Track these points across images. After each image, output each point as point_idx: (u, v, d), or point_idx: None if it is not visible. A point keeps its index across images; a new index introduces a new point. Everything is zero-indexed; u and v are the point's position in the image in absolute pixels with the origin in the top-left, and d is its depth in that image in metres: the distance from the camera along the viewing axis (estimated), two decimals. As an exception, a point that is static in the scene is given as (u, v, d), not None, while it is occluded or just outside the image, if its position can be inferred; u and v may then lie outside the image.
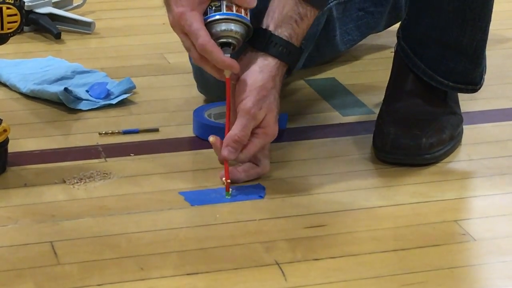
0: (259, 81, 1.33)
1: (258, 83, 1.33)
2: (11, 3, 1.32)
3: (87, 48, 1.75)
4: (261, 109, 1.33)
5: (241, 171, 1.38)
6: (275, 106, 1.36)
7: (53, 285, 1.14)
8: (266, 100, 1.34)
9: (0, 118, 1.37)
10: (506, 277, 1.18)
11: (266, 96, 1.34)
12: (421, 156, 1.43)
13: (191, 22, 1.33)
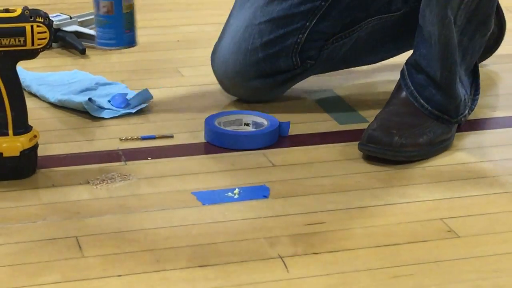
0: None
1: None
2: (41, 22, 1.32)
3: (109, 63, 1.75)
4: None
5: None
6: None
7: (77, 276, 1.14)
8: None
9: (31, 125, 1.37)
10: (487, 270, 1.18)
11: None
12: (392, 151, 1.43)
13: None
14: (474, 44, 1.50)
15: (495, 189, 1.39)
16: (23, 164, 1.36)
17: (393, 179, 1.41)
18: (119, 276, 1.14)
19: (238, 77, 1.62)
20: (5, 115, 1.34)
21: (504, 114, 1.66)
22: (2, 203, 1.31)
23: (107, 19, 1.62)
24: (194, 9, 2.18)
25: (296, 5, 1.60)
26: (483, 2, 1.44)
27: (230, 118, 1.55)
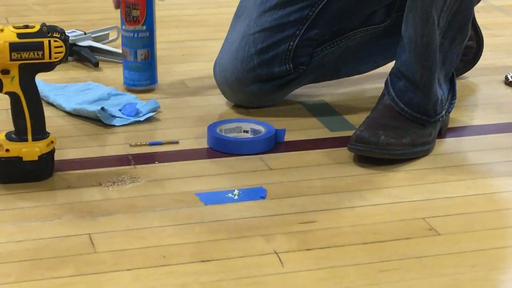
0: None
1: None
2: (57, 37, 1.32)
3: (120, 75, 1.75)
4: None
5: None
6: None
7: (90, 270, 1.14)
8: None
9: (48, 132, 1.37)
10: (465, 265, 1.18)
11: None
12: (379, 150, 1.43)
13: None
14: (453, 49, 1.50)
15: (472, 191, 1.39)
16: (41, 168, 1.37)
17: (379, 181, 1.41)
18: (128, 270, 1.14)
19: (237, 82, 1.63)
20: (24, 123, 1.34)
21: (481, 123, 1.66)
22: (22, 203, 1.31)
23: (143, 64, 1.67)
24: (197, 26, 2.18)
25: (286, 16, 1.61)
26: (462, 5, 1.45)
27: (231, 125, 1.55)
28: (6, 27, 1.32)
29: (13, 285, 1.11)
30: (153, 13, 1.69)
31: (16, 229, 1.24)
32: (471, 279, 1.15)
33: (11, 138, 1.35)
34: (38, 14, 2.23)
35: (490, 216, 1.32)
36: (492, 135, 1.60)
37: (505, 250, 1.23)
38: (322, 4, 1.62)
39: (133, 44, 1.70)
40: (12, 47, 1.30)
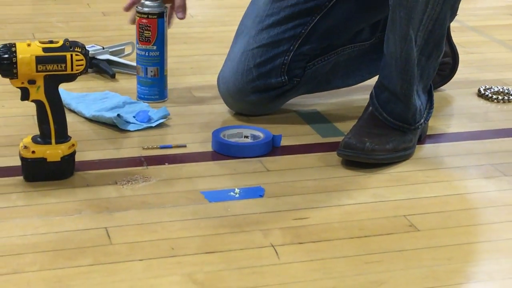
0: None
1: None
2: (79, 51, 1.32)
3: (134, 85, 1.75)
4: None
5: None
6: None
7: (107, 260, 1.14)
8: None
9: (70, 135, 1.37)
10: (441, 258, 1.18)
11: None
12: (364, 155, 1.43)
13: None
14: (430, 64, 1.50)
15: (448, 192, 1.39)
16: (63, 168, 1.37)
17: (365, 182, 1.41)
18: (140, 260, 1.14)
19: (238, 93, 1.63)
20: (49, 127, 1.34)
21: (457, 130, 1.66)
22: (45, 199, 1.31)
23: (153, 80, 1.68)
24: (204, 42, 2.18)
25: (281, 33, 1.61)
26: (436, 25, 1.44)
27: (233, 131, 1.55)
28: (33, 42, 1.32)
29: (38, 273, 1.11)
30: (164, 34, 1.69)
31: (40, 222, 1.24)
32: (446, 271, 1.15)
33: (37, 141, 1.35)
34: (62, 30, 2.23)
35: (464, 214, 1.32)
36: (466, 141, 1.60)
37: (478, 245, 1.23)
38: (314, 22, 1.63)
39: (144, 61, 1.71)
40: (38, 60, 1.30)
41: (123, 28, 2.21)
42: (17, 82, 1.32)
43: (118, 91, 1.76)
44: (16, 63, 1.29)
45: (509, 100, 1.81)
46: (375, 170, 1.45)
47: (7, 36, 2.14)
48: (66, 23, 2.30)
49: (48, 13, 2.40)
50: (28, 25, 2.28)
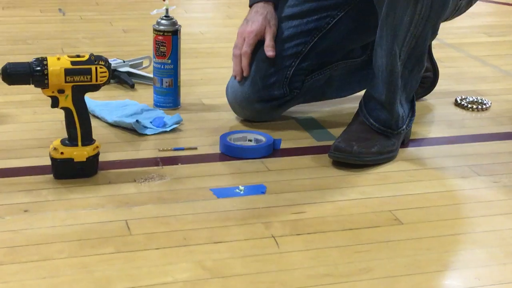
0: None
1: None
2: (102, 64, 1.33)
3: (151, 94, 1.75)
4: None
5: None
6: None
7: (126, 248, 1.15)
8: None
9: (94, 138, 1.37)
10: (423, 248, 1.18)
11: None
12: (352, 157, 1.43)
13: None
14: (412, 77, 1.50)
15: (429, 189, 1.39)
16: (88, 167, 1.37)
17: (355, 181, 1.41)
18: (156, 249, 1.15)
19: (245, 102, 1.63)
20: (76, 131, 1.34)
21: (436, 135, 1.66)
22: (73, 195, 1.31)
23: (168, 90, 1.69)
24: (212, 57, 2.19)
25: (284, 51, 1.61)
26: (418, 42, 1.44)
27: (238, 135, 1.55)
28: (62, 56, 1.32)
29: (66, 260, 1.11)
30: (178, 49, 1.69)
31: (67, 215, 1.24)
32: (427, 260, 1.15)
33: (65, 143, 1.35)
34: (87, 46, 2.23)
35: (443, 209, 1.32)
36: (445, 145, 1.60)
37: (455, 237, 1.24)
38: (313, 42, 1.63)
39: (160, 73, 1.71)
40: (66, 72, 1.30)
41: (141, 44, 2.22)
42: (48, 92, 1.32)
43: (136, 99, 1.76)
44: (47, 74, 1.29)
45: (483, 108, 1.81)
46: (364, 170, 1.45)
47: (40, 50, 2.14)
48: (91, 39, 2.31)
49: (75, 30, 2.41)
50: (57, 41, 2.28)
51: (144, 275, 1.08)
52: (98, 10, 2.67)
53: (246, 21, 1.61)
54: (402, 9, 1.38)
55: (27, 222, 1.21)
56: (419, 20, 1.40)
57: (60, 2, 2.77)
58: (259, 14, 1.60)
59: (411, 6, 1.38)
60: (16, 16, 2.54)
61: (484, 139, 1.64)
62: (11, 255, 1.12)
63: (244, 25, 1.61)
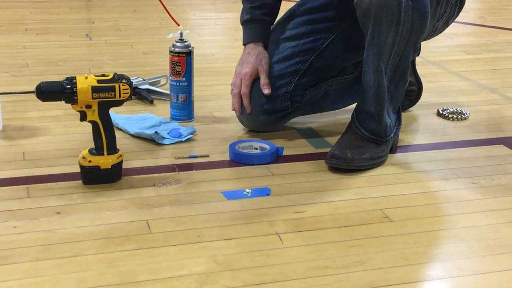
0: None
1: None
2: (125, 82, 1.33)
3: (168, 108, 1.76)
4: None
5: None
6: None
7: (147, 245, 1.15)
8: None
9: (118, 148, 1.38)
10: (410, 242, 1.18)
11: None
12: (346, 163, 1.43)
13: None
14: (398, 90, 1.50)
15: (415, 190, 1.39)
16: (113, 173, 1.37)
17: (349, 184, 1.41)
18: (174, 245, 1.15)
19: (251, 114, 1.62)
20: (101, 142, 1.35)
21: (421, 142, 1.66)
22: (99, 198, 1.31)
23: (182, 104, 1.70)
24: (222, 75, 2.19)
25: (285, 68, 1.61)
26: (402, 59, 1.44)
27: (245, 144, 1.55)
28: (89, 75, 1.32)
29: (94, 256, 1.11)
30: (191, 68, 1.70)
31: (95, 216, 1.24)
32: (414, 253, 1.15)
33: (92, 152, 1.35)
34: (111, 66, 2.24)
35: (428, 208, 1.32)
36: (429, 151, 1.60)
37: (439, 232, 1.23)
38: (310, 60, 1.63)
39: (176, 90, 1.71)
40: (93, 89, 1.31)
41: (159, 64, 2.23)
42: (77, 107, 1.32)
43: (155, 113, 1.77)
44: (76, 92, 1.30)
45: (462, 118, 1.81)
46: (357, 174, 1.45)
47: (69, 71, 2.15)
48: (114, 61, 2.31)
49: (100, 53, 2.42)
50: (85, 62, 2.29)
51: (163, 268, 1.08)
52: (120, 35, 2.68)
53: (241, 62, 1.60)
54: (386, 31, 1.39)
55: (60, 222, 1.21)
56: (401, 40, 1.41)
57: (87, 28, 2.78)
58: (251, 55, 1.59)
59: (393, 28, 1.38)
60: (48, 41, 2.55)
61: (463, 145, 1.64)
62: (46, 252, 1.12)
63: (239, 66, 1.61)
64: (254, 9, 1.60)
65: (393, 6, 1.35)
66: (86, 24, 2.85)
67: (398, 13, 1.36)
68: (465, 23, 2.98)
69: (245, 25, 1.63)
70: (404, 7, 1.36)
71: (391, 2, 1.34)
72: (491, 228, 1.24)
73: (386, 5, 1.35)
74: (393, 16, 1.36)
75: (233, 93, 1.61)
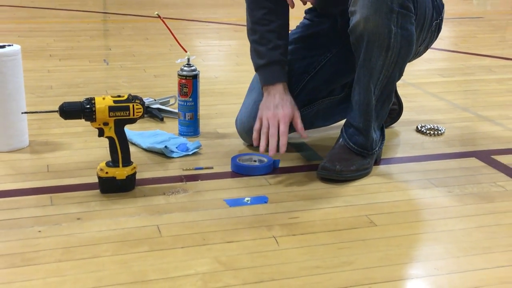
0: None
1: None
2: (138, 102, 1.34)
3: (176, 125, 1.76)
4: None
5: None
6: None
7: (158, 247, 1.14)
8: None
9: (132, 161, 1.38)
10: (393, 245, 1.17)
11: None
12: (335, 175, 1.43)
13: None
14: (383, 109, 1.50)
15: (397, 198, 1.39)
16: (127, 183, 1.37)
17: (338, 192, 1.41)
18: (181, 248, 1.15)
19: (250, 130, 1.61)
20: (117, 155, 1.35)
21: (402, 155, 1.66)
22: (115, 205, 1.31)
23: (189, 122, 1.71)
24: (225, 96, 2.19)
25: None
26: (389, 81, 1.45)
27: (245, 157, 1.55)
28: (107, 96, 1.33)
29: (110, 257, 1.11)
30: (197, 90, 1.71)
31: (111, 222, 1.24)
32: (396, 254, 1.15)
33: (109, 165, 1.36)
34: (126, 88, 2.24)
35: (409, 214, 1.31)
36: (409, 163, 1.60)
37: (418, 235, 1.23)
38: (303, 83, 1.63)
39: (183, 109, 1.71)
40: (110, 108, 1.31)
41: (169, 86, 2.23)
42: (95, 124, 1.33)
43: (165, 129, 1.77)
44: (95, 111, 1.30)
45: (438, 134, 1.81)
46: (345, 184, 1.45)
47: (89, 92, 2.16)
48: (129, 83, 2.32)
49: (116, 76, 2.42)
50: (103, 84, 2.29)
51: (172, 268, 1.08)
52: (134, 60, 2.69)
53: (275, 105, 1.48)
54: (376, 55, 1.39)
55: (79, 227, 1.21)
56: (390, 64, 1.41)
57: (104, 54, 2.79)
58: (284, 100, 1.49)
59: (383, 53, 1.39)
60: (70, 65, 2.56)
61: (439, 158, 1.64)
62: (67, 254, 1.12)
63: (274, 108, 1.48)
64: (271, 51, 1.50)
65: (384, 33, 1.36)
66: (103, 51, 2.86)
67: (388, 40, 1.37)
68: (441, 49, 3.00)
69: (265, 67, 1.51)
70: (394, 34, 1.37)
71: (383, 30, 1.35)
72: (464, 232, 1.24)
73: (378, 32, 1.36)
74: (383, 42, 1.37)
75: (270, 133, 1.46)
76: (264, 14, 1.50)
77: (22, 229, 1.20)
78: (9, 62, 1.53)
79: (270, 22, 1.50)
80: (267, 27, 1.50)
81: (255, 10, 1.52)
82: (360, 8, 1.35)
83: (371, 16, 1.33)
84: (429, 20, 1.51)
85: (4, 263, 1.08)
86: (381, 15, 1.33)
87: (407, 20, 1.37)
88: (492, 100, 2.18)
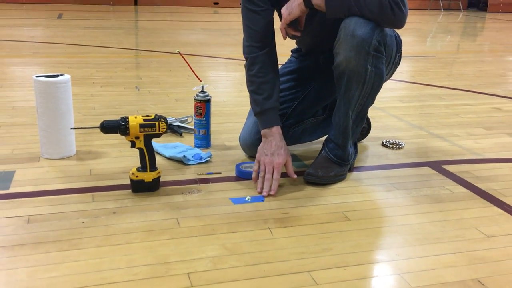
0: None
1: None
2: (163, 121, 1.34)
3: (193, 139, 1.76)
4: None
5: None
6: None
7: (177, 236, 1.14)
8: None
9: (157, 167, 1.37)
10: (364, 235, 1.17)
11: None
12: (318, 179, 1.43)
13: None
14: (357, 129, 1.50)
15: (366, 198, 1.38)
16: (153, 185, 1.37)
17: (320, 193, 1.40)
18: (196, 236, 1.14)
19: (250, 145, 1.62)
20: (145, 162, 1.34)
21: (370, 164, 1.66)
22: (143, 202, 1.31)
23: (203, 137, 1.70)
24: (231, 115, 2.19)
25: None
26: (364, 108, 1.45)
27: (247, 164, 1.55)
28: (138, 116, 1.33)
29: (139, 244, 1.11)
30: (210, 111, 1.71)
31: (140, 215, 1.24)
32: (366, 243, 1.14)
33: (139, 170, 1.35)
34: (153, 109, 2.24)
35: (376, 211, 1.31)
36: (376, 170, 1.60)
37: (383, 228, 1.23)
38: (292, 108, 1.64)
39: (198, 126, 1.71)
40: (140, 125, 1.32)
41: (187, 108, 2.23)
42: (129, 138, 1.33)
43: (183, 142, 1.77)
44: (129, 127, 1.31)
45: (399, 148, 1.81)
46: (325, 187, 1.44)
47: (123, 112, 2.16)
48: (155, 105, 2.32)
49: (145, 99, 2.43)
50: (134, 106, 2.30)
51: (188, 253, 1.08)
52: (160, 87, 2.69)
53: (271, 152, 1.40)
54: (354, 88, 1.40)
55: (115, 219, 1.21)
56: (365, 95, 1.42)
57: (136, 82, 2.80)
58: (279, 147, 1.41)
59: (360, 87, 1.39)
60: (109, 91, 2.56)
61: (400, 167, 1.64)
62: (105, 240, 1.12)
63: (270, 155, 1.40)
64: (266, 100, 1.44)
65: (362, 72, 1.37)
66: (135, 79, 2.86)
67: (364, 76, 1.37)
68: (402, 81, 3.01)
69: (262, 114, 1.44)
70: (369, 72, 1.37)
71: (361, 69, 1.36)
72: (419, 225, 1.23)
73: (357, 70, 1.36)
74: (361, 78, 1.38)
75: (266, 178, 1.38)
76: (260, 68, 1.48)
77: (69, 220, 1.20)
78: (61, 88, 1.55)
79: (265, 74, 1.48)
80: (262, 79, 1.47)
81: (253, 65, 1.48)
82: (343, 50, 1.35)
83: (352, 58, 1.34)
84: (394, 55, 1.52)
85: (55, 247, 1.08)
86: (360, 57, 1.34)
87: (380, 61, 1.38)
88: (442, 121, 2.18)
